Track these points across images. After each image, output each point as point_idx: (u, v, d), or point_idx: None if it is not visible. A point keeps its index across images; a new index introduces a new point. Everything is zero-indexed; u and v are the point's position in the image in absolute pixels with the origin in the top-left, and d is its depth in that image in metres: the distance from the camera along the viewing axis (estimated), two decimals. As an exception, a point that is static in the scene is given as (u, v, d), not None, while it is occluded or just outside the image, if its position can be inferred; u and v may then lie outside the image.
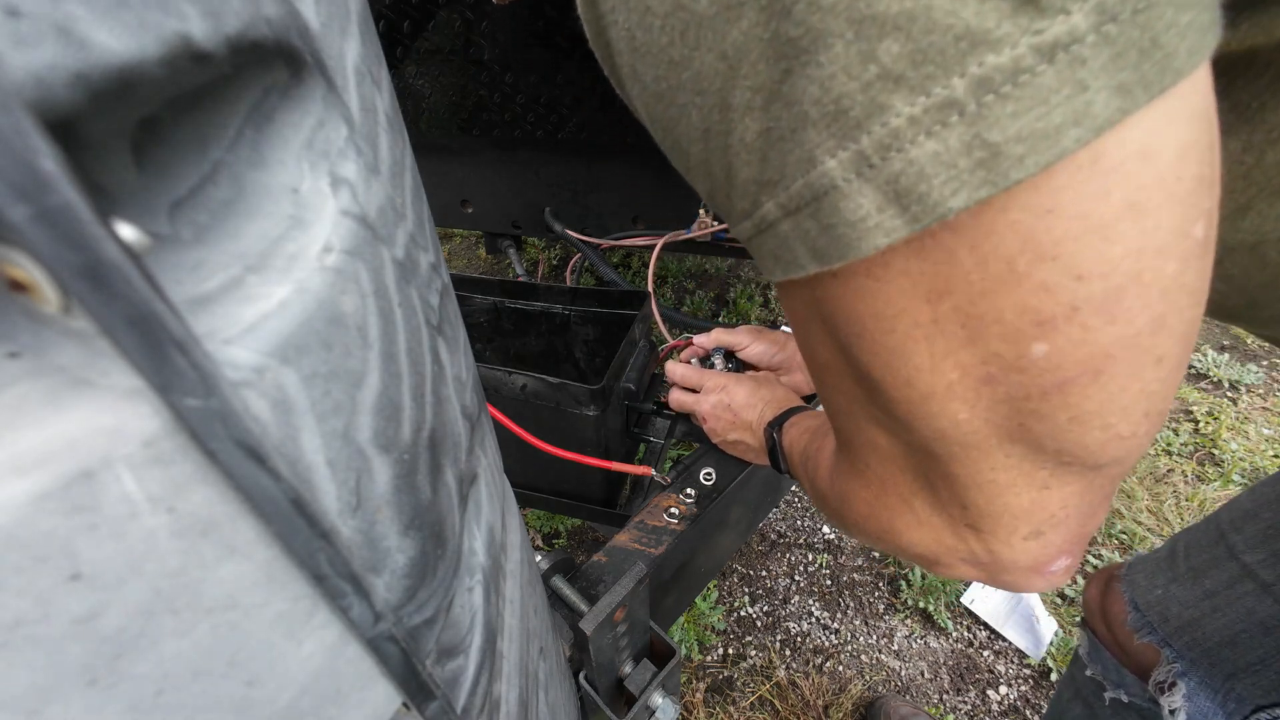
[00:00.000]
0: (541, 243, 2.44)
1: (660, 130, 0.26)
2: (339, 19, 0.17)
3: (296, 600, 0.15)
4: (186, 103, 0.14)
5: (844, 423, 0.32)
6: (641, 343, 1.01)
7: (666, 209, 1.24)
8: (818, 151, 0.20)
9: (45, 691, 0.11)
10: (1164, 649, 0.60)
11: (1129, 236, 0.19)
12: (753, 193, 0.23)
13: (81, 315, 0.11)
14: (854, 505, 0.35)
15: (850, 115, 0.19)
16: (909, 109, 0.18)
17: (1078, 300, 0.20)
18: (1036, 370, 0.21)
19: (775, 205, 0.22)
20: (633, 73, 0.25)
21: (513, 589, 0.34)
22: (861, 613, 1.35)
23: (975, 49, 0.17)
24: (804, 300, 0.27)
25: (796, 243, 0.23)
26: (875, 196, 0.20)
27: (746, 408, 0.71)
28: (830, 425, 0.49)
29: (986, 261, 0.20)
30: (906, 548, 0.33)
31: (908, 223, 0.20)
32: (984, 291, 0.21)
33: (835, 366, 0.28)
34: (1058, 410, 0.22)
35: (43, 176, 0.09)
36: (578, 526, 1.52)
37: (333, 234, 0.16)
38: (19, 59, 0.09)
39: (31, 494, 0.10)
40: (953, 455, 0.26)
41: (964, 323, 0.22)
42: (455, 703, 0.23)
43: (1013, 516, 0.27)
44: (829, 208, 0.21)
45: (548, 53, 1.07)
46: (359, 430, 0.17)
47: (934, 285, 0.21)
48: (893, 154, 0.19)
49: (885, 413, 0.27)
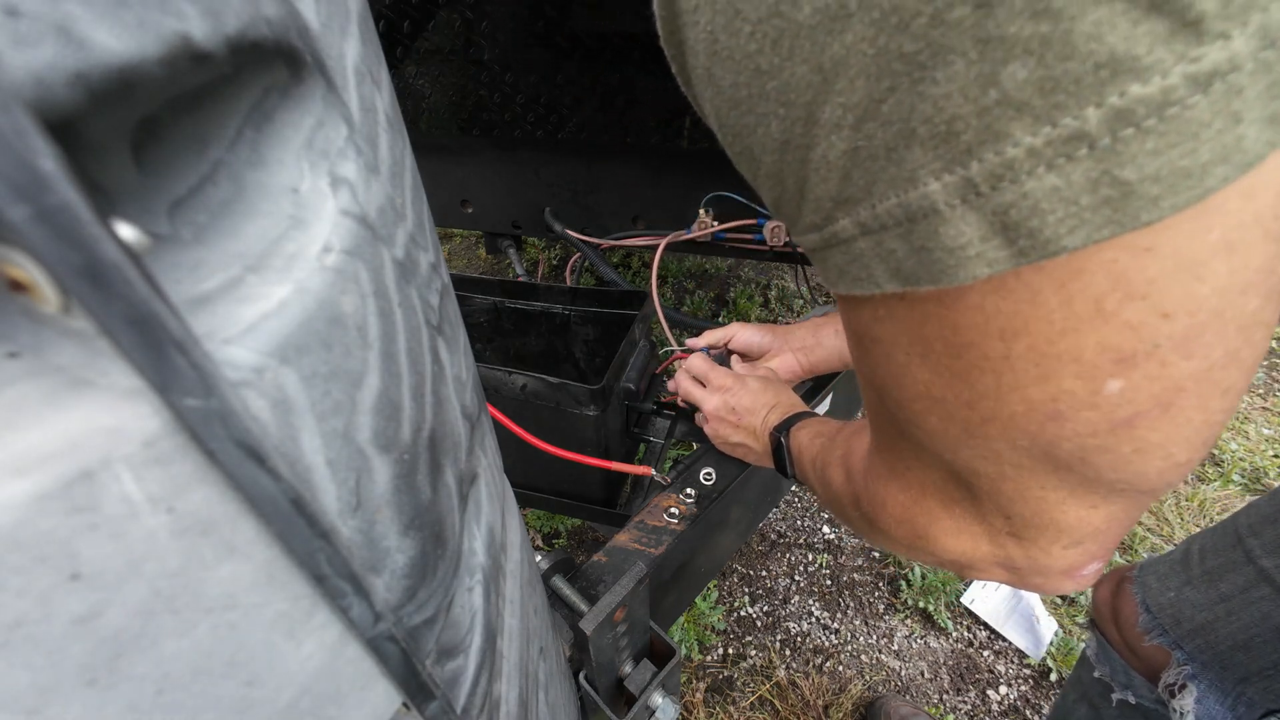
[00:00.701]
0: (541, 243, 2.44)
1: (730, 136, 0.25)
2: (339, 19, 0.17)
3: (296, 600, 0.15)
4: (186, 103, 0.14)
5: (888, 429, 0.32)
6: (641, 343, 1.01)
7: (666, 209, 1.24)
8: (920, 172, 0.19)
9: (45, 691, 0.11)
10: (1175, 651, 0.60)
11: (1219, 275, 0.18)
12: (827, 208, 0.23)
13: (81, 315, 0.11)
14: (888, 509, 0.36)
15: (961, 139, 0.18)
16: (1030, 139, 0.17)
17: (1160, 338, 0.19)
18: (1109, 406, 0.21)
19: (852, 223, 0.22)
20: (708, 76, 0.24)
21: (513, 589, 0.34)
22: (861, 613, 1.35)
23: (1117, 78, 0.16)
24: (863, 317, 0.26)
25: (874, 261, 0.22)
26: (980, 226, 0.19)
27: (750, 412, 0.71)
28: (853, 430, 0.49)
29: (1073, 301, 0.19)
30: (940, 552, 0.33)
31: (1013, 256, 0.19)
32: (1064, 331, 0.20)
33: (883, 384, 0.28)
34: (1123, 443, 0.22)
35: (42, 176, 0.09)
36: (578, 526, 1.52)
37: (332, 234, 0.16)
38: (19, 59, 0.09)
39: (31, 494, 0.10)
40: (1002, 474, 0.26)
41: (1038, 361, 0.21)
42: (455, 703, 0.23)
43: (1057, 530, 0.27)
44: (925, 231, 0.20)
45: (548, 53, 1.07)
46: (359, 430, 0.17)
47: (1010, 324, 0.21)
48: (1005, 184, 0.18)
49: (935, 433, 0.27)
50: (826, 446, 0.53)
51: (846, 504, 0.45)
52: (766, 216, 1.14)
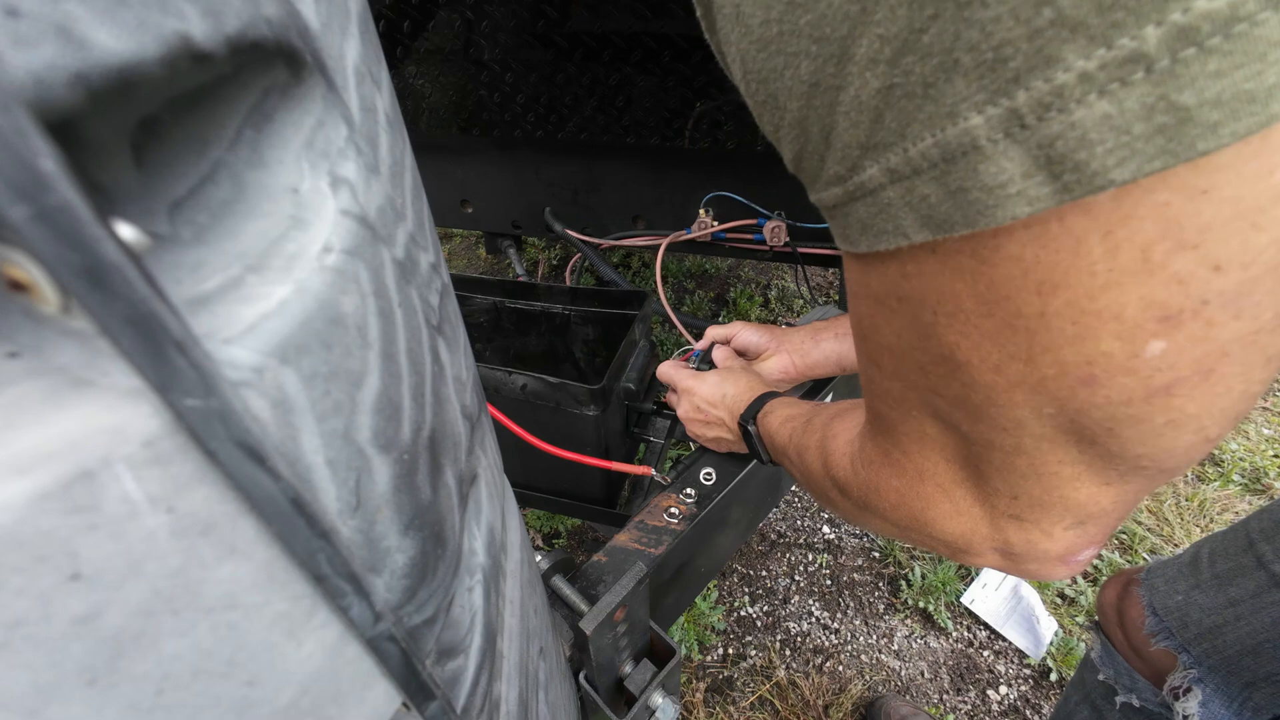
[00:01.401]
0: (541, 243, 2.44)
1: (755, 82, 0.24)
2: (339, 19, 0.17)
3: (296, 600, 0.15)
4: (186, 103, 0.14)
5: (889, 410, 0.31)
6: (641, 343, 1.01)
7: (666, 209, 1.24)
8: (962, 106, 0.18)
9: (45, 691, 0.11)
10: (1181, 655, 0.59)
11: (1277, 223, 0.17)
12: (854, 156, 0.21)
13: (81, 315, 0.11)
14: (883, 494, 0.35)
15: (1009, 66, 0.17)
16: (1082, 63, 0.16)
17: (1209, 294, 0.18)
18: (1147, 371, 0.20)
19: (881, 170, 0.21)
20: (736, 15, 0.23)
21: (513, 589, 0.34)
22: (861, 613, 1.35)
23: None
24: (886, 276, 0.25)
25: (903, 210, 0.21)
26: (1023, 161, 0.18)
27: (713, 405, 0.72)
28: (830, 415, 0.48)
29: (1119, 250, 0.18)
30: (936, 535, 0.32)
31: (1056, 192, 0.18)
32: (1108, 285, 0.19)
33: (901, 350, 0.27)
34: (1156, 413, 0.21)
35: (42, 176, 0.09)
36: (578, 526, 1.52)
37: (332, 234, 0.16)
38: (19, 59, 0.09)
39: (31, 494, 0.10)
40: (1020, 447, 0.25)
41: (1076, 319, 0.20)
42: (455, 702, 0.23)
43: (1064, 508, 0.26)
44: (964, 169, 0.19)
45: (548, 53, 1.07)
46: (359, 430, 0.17)
47: (1049, 276, 0.20)
48: (1053, 114, 0.17)
49: (956, 399, 0.26)
50: (800, 430, 0.52)
51: (828, 488, 0.44)
52: (766, 216, 1.14)
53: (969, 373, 0.24)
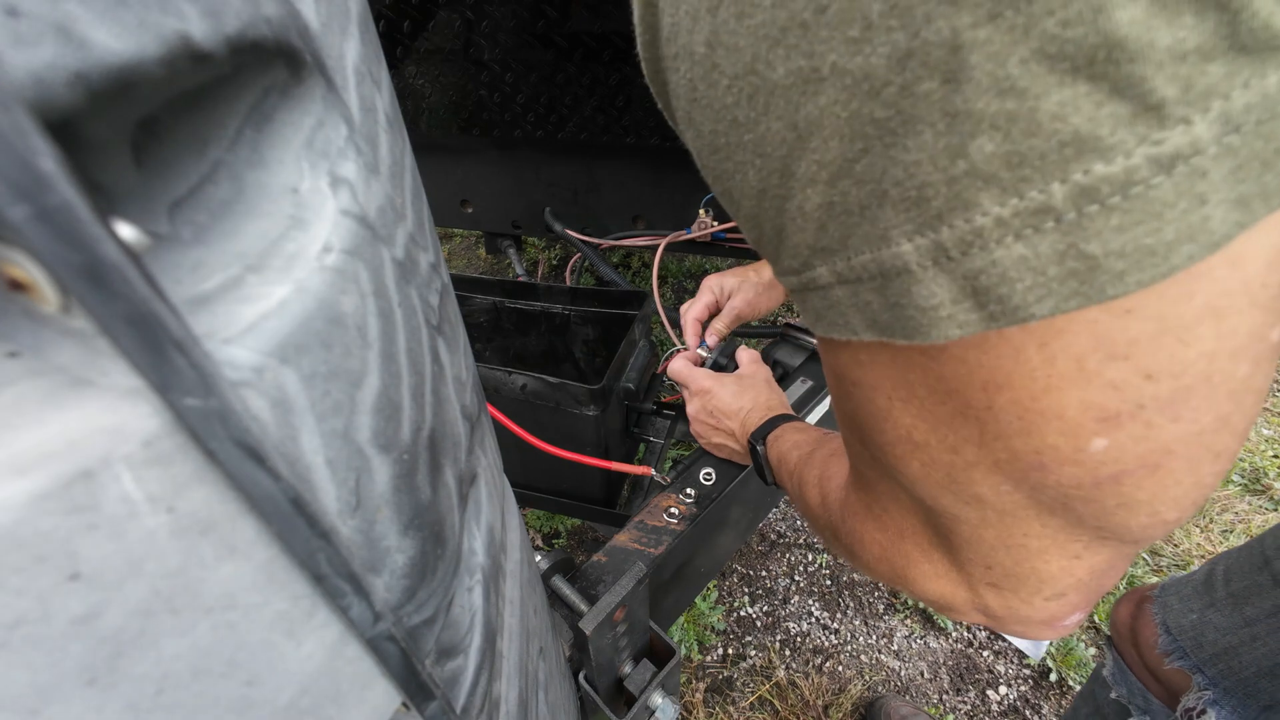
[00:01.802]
0: (541, 243, 2.44)
1: (711, 176, 0.26)
2: (339, 19, 0.17)
3: (296, 600, 0.15)
4: (186, 103, 0.14)
5: (867, 470, 0.32)
6: (641, 343, 1.01)
7: (666, 209, 1.24)
8: (893, 232, 0.19)
9: (45, 691, 0.11)
10: (1196, 675, 0.58)
11: (1205, 340, 0.18)
12: (804, 255, 0.23)
13: (81, 315, 0.11)
14: (867, 546, 0.36)
15: (932, 205, 0.18)
16: (997, 209, 0.17)
17: (1144, 399, 0.19)
18: (1093, 463, 0.21)
19: (830, 271, 0.22)
20: (689, 119, 0.25)
21: (513, 589, 0.34)
22: (861, 613, 1.35)
23: (1081, 156, 0.16)
24: (841, 360, 0.26)
25: (851, 310, 0.22)
26: (951, 288, 0.19)
27: (728, 414, 0.72)
28: (830, 451, 0.49)
29: (1054, 360, 0.19)
30: (920, 593, 0.33)
31: (984, 320, 0.19)
32: (1047, 388, 0.20)
33: (863, 425, 0.28)
34: (1108, 497, 0.22)
35: (42, 176, 0.09)
36: (578, 526, 1.52)
37: (332, 234, 0.16)
38: (19, 59, 0.09)
39: (31, 494, 0.10)
40: (985, 520, 0.26)
41: (1020, 415, 0.21)
42: (455, 702, 0.23)
43: (1039, 580, 0.27)
44: (898, 289, 0.20)
45: (548, 53, 1.07)
46: (359, 430, 0.17)
47: (992, 377, 0.21)
48: (974, 251, 0.18)
49: (917, 477, 0.27)
50: (804, 461, 0.52)
51: (822, 527, 0.45)
52: (766, 216, 1.13)
53: (928, 452, 0.25)
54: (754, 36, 0.19)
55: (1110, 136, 0.15)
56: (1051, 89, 0.15)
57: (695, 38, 0.21)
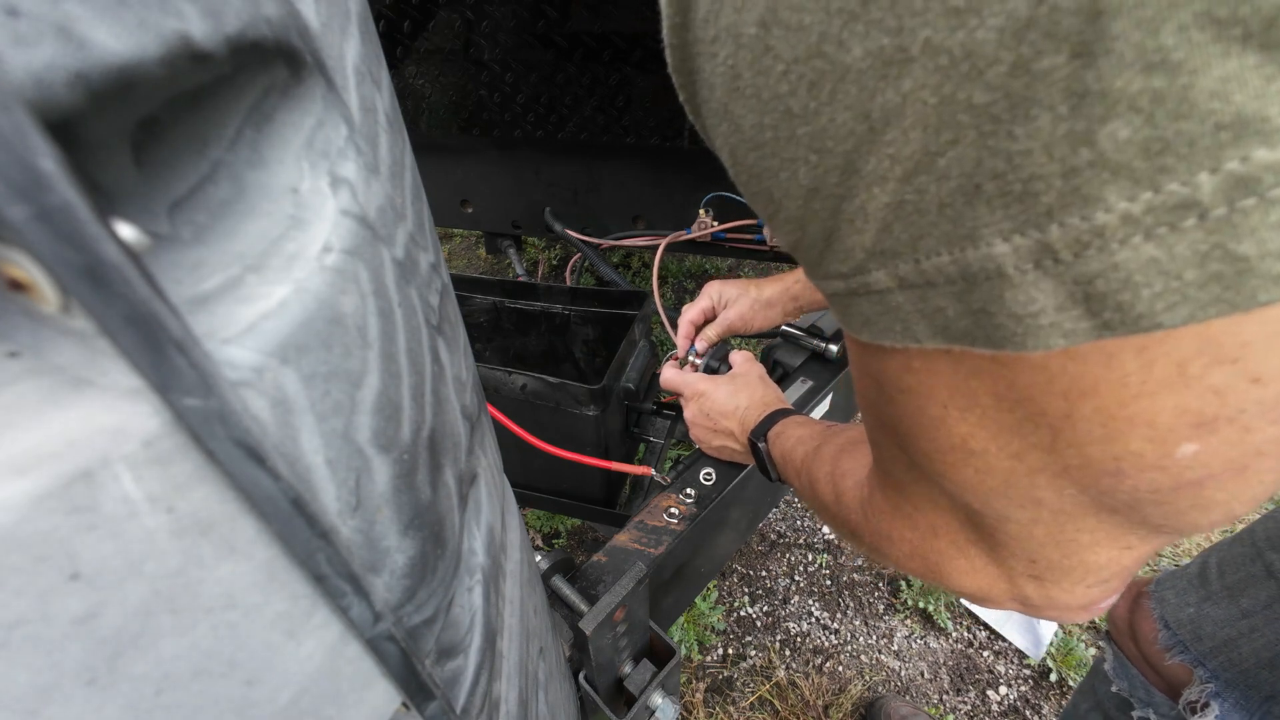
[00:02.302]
0: (541, 243, 2.44)
1: (746, 176, 0.24)
2: (339, 19, 0.17)
3: (296, 600, 0.15)
4: (186, 103, 0.14)
5: (901, 473, 0.31)
6: (641, 343, 1.01)
7: (666, 209, 1.24)
8: (984, 231, 0.17)
9: (45, 691, 0.11)
10: (1197, 669, 0.59)
11: None
12: (859, 259, 0.21)
13: (81, 315, 0.11)
14: (896, 544, 0.35)
15: (1040, 200, 0.16)
16: (1125, 204, 0.15)
17: (1247, 403, 0.18)
18: (1177, 469, 0.20)
19: (889, 275, 0.20)
20: (724, 112, 0.22)
21: (513, 589, 0.34)
22: (861, 613, 1.35)
23: (1240, 140, 0.14)
24: (888, 366, 0.25)
25: (914, 317, 0.21)
26: (1057, 294, 0.17)
27: (724, 415, 0.72)
28: (840, 445, 0.48)
29: (1153, 365, 0.18)
30: (954, 587, 0.32)
31: (1096, 329, 0.17)
32: (1139, 394, 0.18)
33: (907, 433, 0.26)
34: (1183, 499, 0.21)
35: (42, 176, 0.09)
36: (578, 526, 1.52)
37: (332, 234, 0.16)
38: (19, 59, 0.09)
39: (31, 494, 0.10)
40: (1037, 520, 0.25)
41: (1104, 422, 0.19)
42: (455, 702, 0.23)
43: (1085, 570, 0.26)
44: (986, 294, 0.18)
45: (548, 53, 1.07)
46: (359, 430, 0.17)
47: (1077, 384, 0.19)
48: (1091, 253, 0.16)
49: (967, 483, 0.26)
50: (811, 457, 0.52)
51: (840, 523, 0.44)
52: (766, 216, 1.13)
53: (984, 459, 0.23)
54: (825, 13, 0.17)
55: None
56: (1213, 61, 0.13)
57: (745, 17, 0.19)
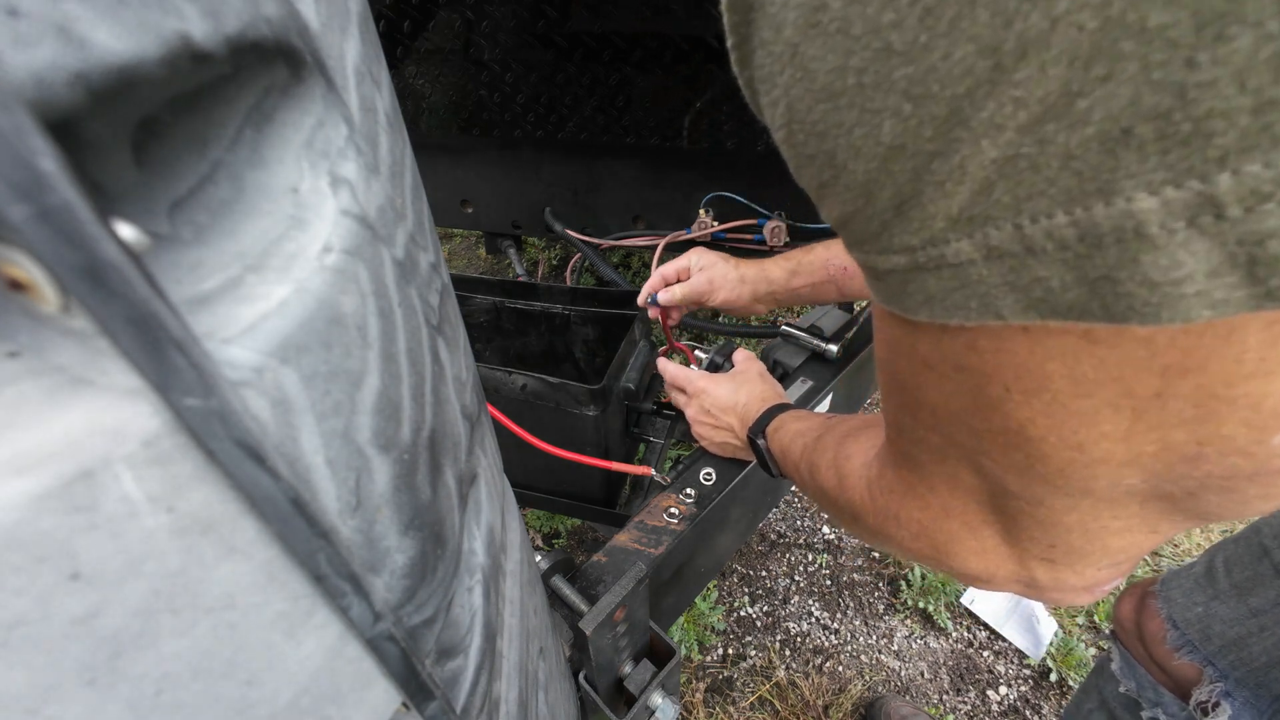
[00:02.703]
0: (541, 243, 2.44)
1: (805, 134, 0.21)
2: (339, 19, 0.17)
3: (296, 600, 0.15)
4: (186, 103, 0.14)
5: (921, 454, 0.30)
6: (641, 343, 1.01)
7: (666, 209, 1.24)
8: (1125, 184, 0.15)
9: (45, 691, 0.11)
10: (1207, 668, 0.58)
11: None
12: (937, 228, 0.19)
13: (81, 315, 0.11)
14: (903, 524, 0.34)
15: (1214, 144, 0.14)
16: None
17: None
18: (1265, 456, 0.19)
19: (975, 245, 0.18)
20: (790, 56, 0.19)
21: (513, 589, 0.34)
22: (861, 613, 1.35)
23: None
24: (945, 345, 0.22)
25: (1000, 291, 0.18)
26: (1211, 257, 0.15)
27: (725, 411, 0.72)
28: (843, 433, 0.48)
29: (1278, 343, 0.16)
30: (956, 568, 0.32)
31: (1254, 298, 0.15)
32: (1253, 374, 0.17)
33: (949, 413, 0.25)
34: (1254, 488, 0.20)
35: (42, 176, 0.09)
36: (578, 526, 1.52)
37: (332, 234, 0.16)
38: (19, 59, 0.09)
39: (31, 494, 0.10)
40: (1074, 507, 0.24)
41: (1201, 403, 0.18)
42: (455, 702, 0.23)
43: (1103, 553, 0.26)
44: (1115, 259, 0.16)
45: (548, 53, 1.07)
46: (359, 430, 0.17)
47: (1184, 362, 0.17)
48: (1270, 207, 0.14)
49: (1013, 466, 0.24)
50: (812, 447, 0.51)
51: (841, 508, 0.44)
52: (766, 216, 1.14)
53: (1040, 447, 0.22)
54: None
55: None
56: None
57: None
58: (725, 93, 1.04)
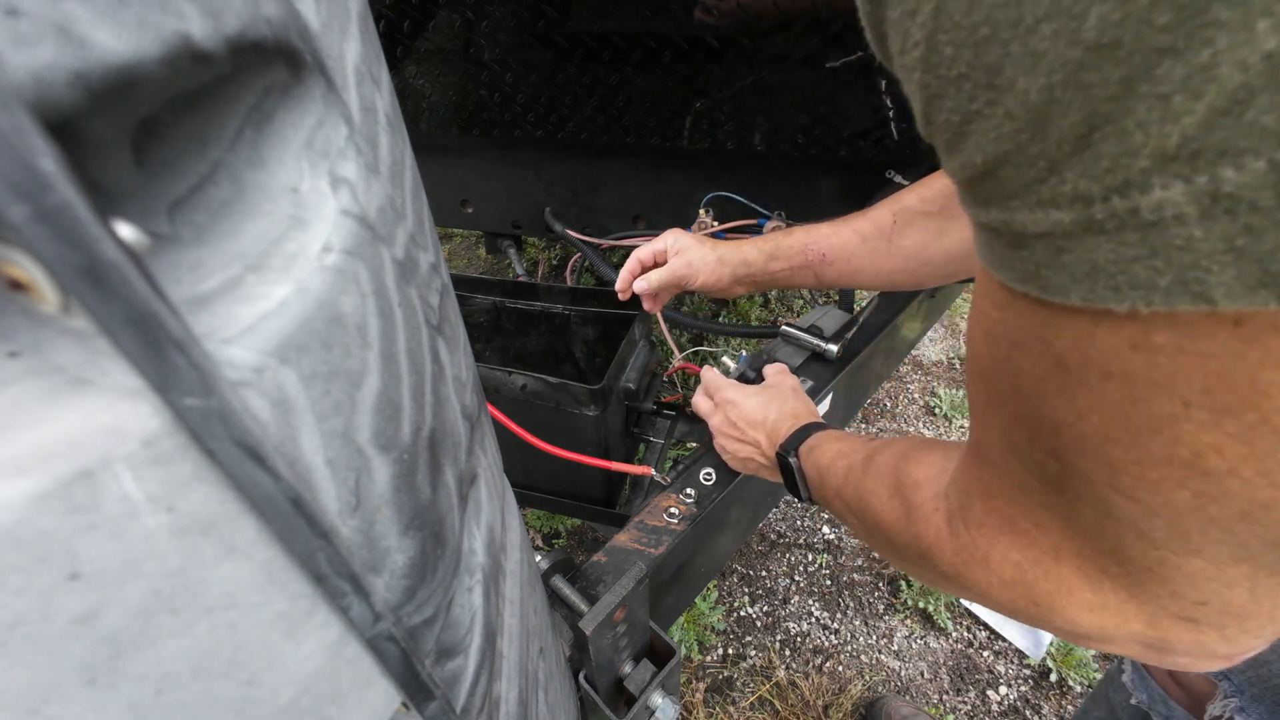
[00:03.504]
0: (541, 243, 2.44)
1: (954, 45, 0.16)
2: (339, 19, 0.17)
3: (296, 600, 0.15)
4: (186, 102, 0.14)
5: (1031, 479, 0.26)
6: (641, 343, 1.01)
7: (666, 209, 1.24)
8: None
9: (45, 691, 0.11)
10: (1221, 682, 0.57)
11: None
12: (1138, 168, 0.14)
13: (81, 315, 0.11)
14: (993, 566, 0.29)
15: None
16: None
17: None
18: None
19: (1189, 192, 0.14)
20: None
21: (513, 589, 0.34)
22: (861, 613, 1.35)
23: None
24: (1096, 342, 0.18)
25: (1221, 261, 0.14)
26: None
27: (753, 425, 0.67)
28: (899, 453, 0.41)
29: None
30: (1061, 623, 0.27)
31: None
32: None
33: (1086, 434, 0.20)
34: None
35: (42, 176, 0.09)
36: (578, 526, 1.52)
37: (332, 234, 0.16)
38: (19, 58, 0.09)
39: (31, 494, 0.10)
40: (1245, 559, 0.20)
41: None
42: (455, 702, 0.23)
43: (1261, 618, 0.22)
44: None
45: (548, 53, 1.07)
46: (358, 430, 0.17)
47: None
48: None
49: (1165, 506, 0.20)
50: (859, 470, 0.46)
51: (903, 546, 0.37)
52: (766, 216, 1.13)
53: (1223, 483, 0.18)
54: None
55: None
56: None
57: None
58: (725, 93, 1.04)
